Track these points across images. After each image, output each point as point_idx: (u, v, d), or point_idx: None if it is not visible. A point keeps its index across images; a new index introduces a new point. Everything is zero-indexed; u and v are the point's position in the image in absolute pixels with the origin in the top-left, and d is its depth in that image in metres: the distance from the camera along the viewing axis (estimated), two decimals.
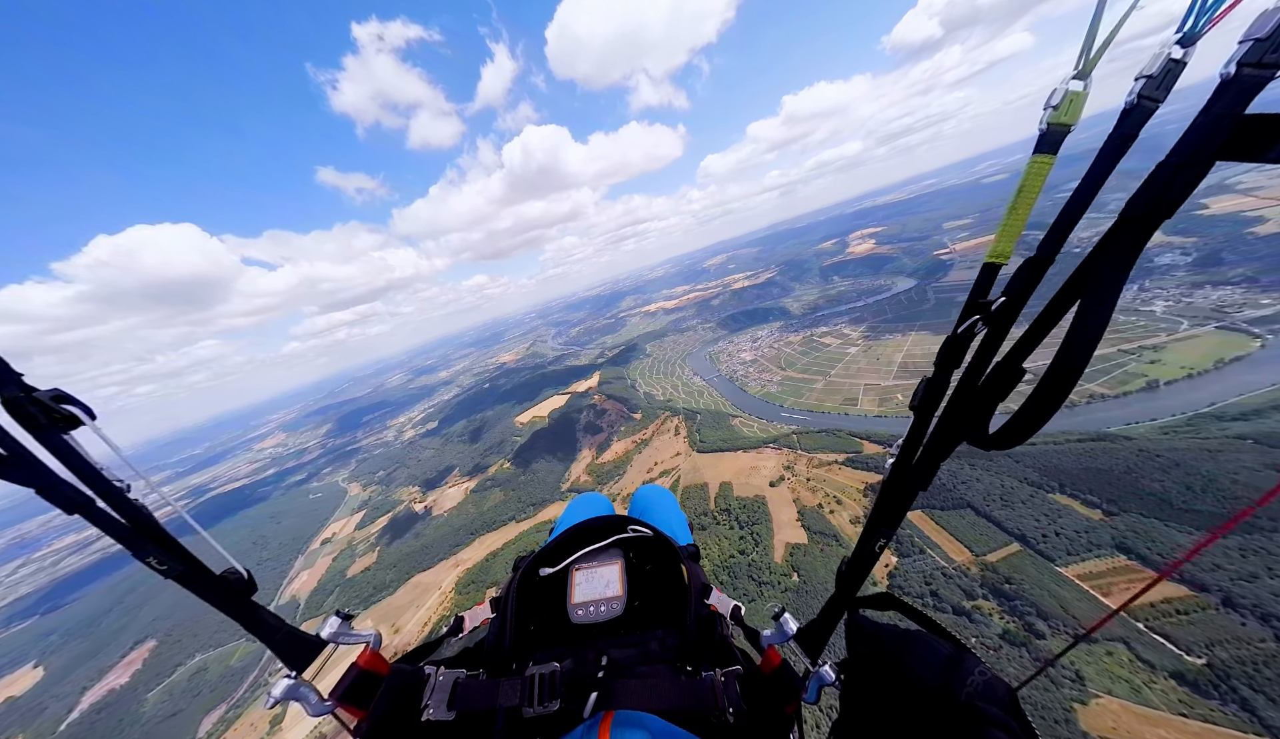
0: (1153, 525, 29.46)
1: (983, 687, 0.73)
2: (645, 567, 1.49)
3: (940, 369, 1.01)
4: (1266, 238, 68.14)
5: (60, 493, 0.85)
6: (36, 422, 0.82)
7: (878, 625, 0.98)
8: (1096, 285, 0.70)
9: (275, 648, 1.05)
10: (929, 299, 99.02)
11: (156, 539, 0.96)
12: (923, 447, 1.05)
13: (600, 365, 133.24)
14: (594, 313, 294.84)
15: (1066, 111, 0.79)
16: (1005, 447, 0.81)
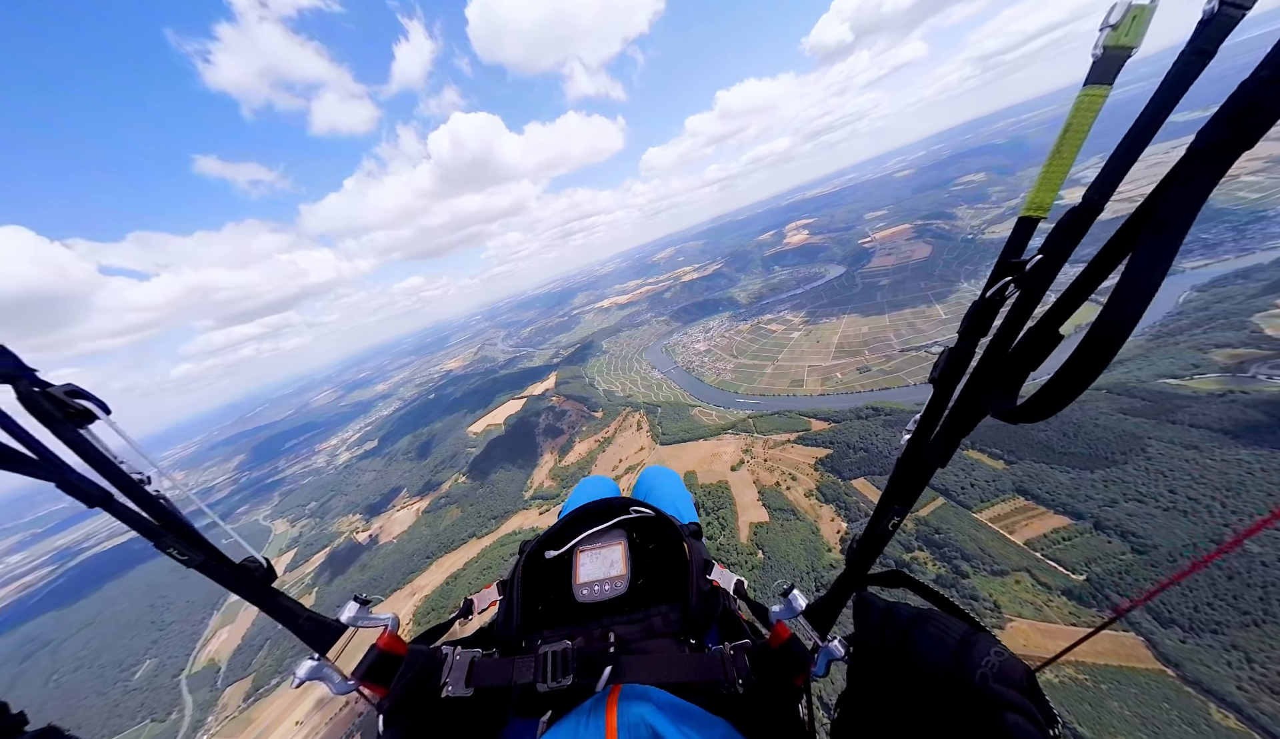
0: (1042, 469, 35.00)
1: (998, 668, 0.69)
2: (648, 546, 1.50)
3: (965, 337, 0.91)
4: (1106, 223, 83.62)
5: (80, 487, 0.87)
6: (52, 417, 0.83)
7: (888, 604, 0.97)
8: (1157, 232, 0.58)
9: (298, 632, 1.11)
10: (857, 284, 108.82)
11: (177, 530, 0.99)
12: (942, 421, 0.98)
13: (556, 365, 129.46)
14: (545, 311, 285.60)
15: (1128, 31, 0.68)
16: (1036, 419, 0.71)
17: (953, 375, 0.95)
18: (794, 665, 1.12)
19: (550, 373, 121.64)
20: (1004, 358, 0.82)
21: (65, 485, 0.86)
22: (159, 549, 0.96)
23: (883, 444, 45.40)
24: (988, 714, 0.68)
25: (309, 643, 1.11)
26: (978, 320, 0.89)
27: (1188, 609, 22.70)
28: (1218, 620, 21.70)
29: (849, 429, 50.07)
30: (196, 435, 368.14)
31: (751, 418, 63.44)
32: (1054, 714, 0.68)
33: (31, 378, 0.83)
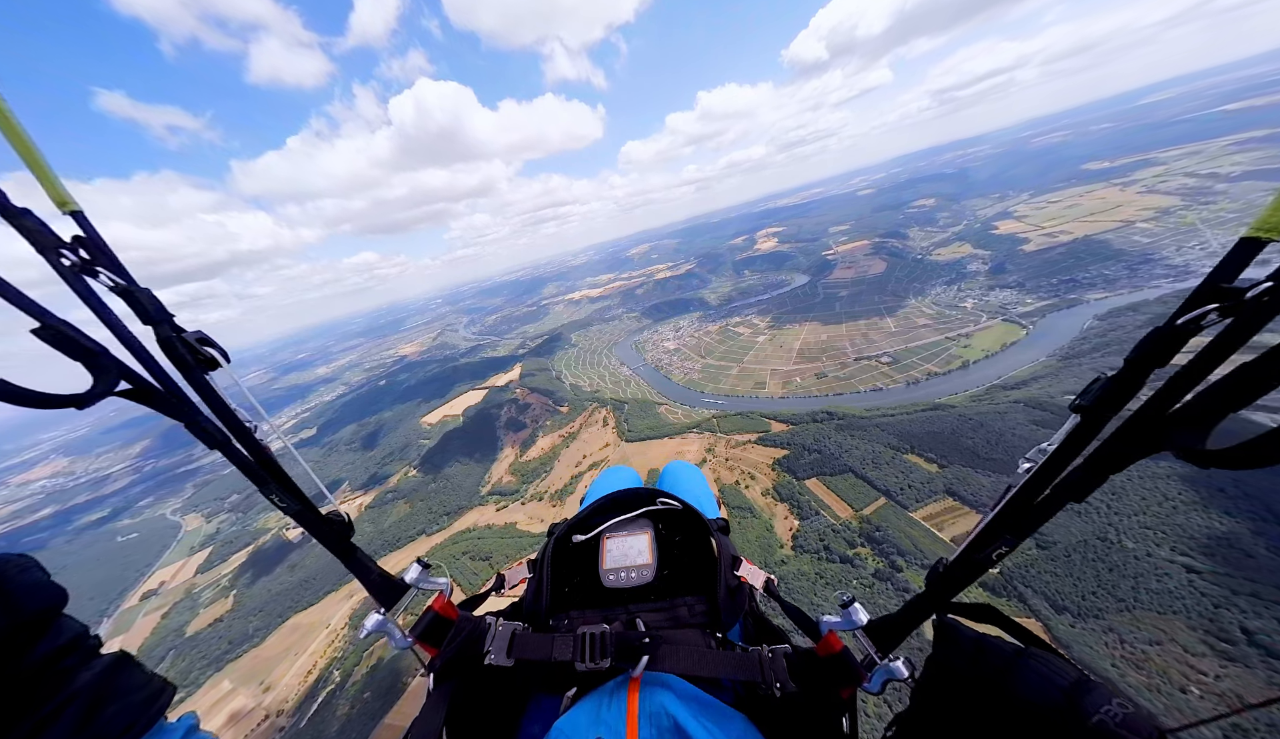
0: (969, 473, 38.70)
1: (1122, 719, 0.65)
2: (674, 538, 1.51)
3: (1135, 366, 0.80)
4: (1030, 254, 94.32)
5: (204, 429, 0.93)
6: (185, 361, 0.90)
7: (980, 636, 0.91)
8: None
9: (369, 586, 1.19)
10: (819, 293, 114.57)
11: (278, 479, 1.07)
12: (1091, 452, 0.87)
13: (522, 356, 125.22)
14: (513, 299, 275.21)
15: None
16: (1241, 466, 0.63)
17: (1109, 405, 0.84)
18: (844, 677, 1.09)
19: (515, 364, 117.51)
20: (1196, 392, 0.73)
21: (194, 426, 0.92)
22: (263, 494, 1.04)
23: (834, 447, 48.23)
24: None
25: (377, 598, 1.20)
26: (1157, 347, 0.77)
27: (1076, 597, 26.08)
28: (1099, 607, 25.12)
29: (805, 431, 52.67)
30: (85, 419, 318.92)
31: (716, 417, 65.02)
32: None
33: (171, 323, 0.89)
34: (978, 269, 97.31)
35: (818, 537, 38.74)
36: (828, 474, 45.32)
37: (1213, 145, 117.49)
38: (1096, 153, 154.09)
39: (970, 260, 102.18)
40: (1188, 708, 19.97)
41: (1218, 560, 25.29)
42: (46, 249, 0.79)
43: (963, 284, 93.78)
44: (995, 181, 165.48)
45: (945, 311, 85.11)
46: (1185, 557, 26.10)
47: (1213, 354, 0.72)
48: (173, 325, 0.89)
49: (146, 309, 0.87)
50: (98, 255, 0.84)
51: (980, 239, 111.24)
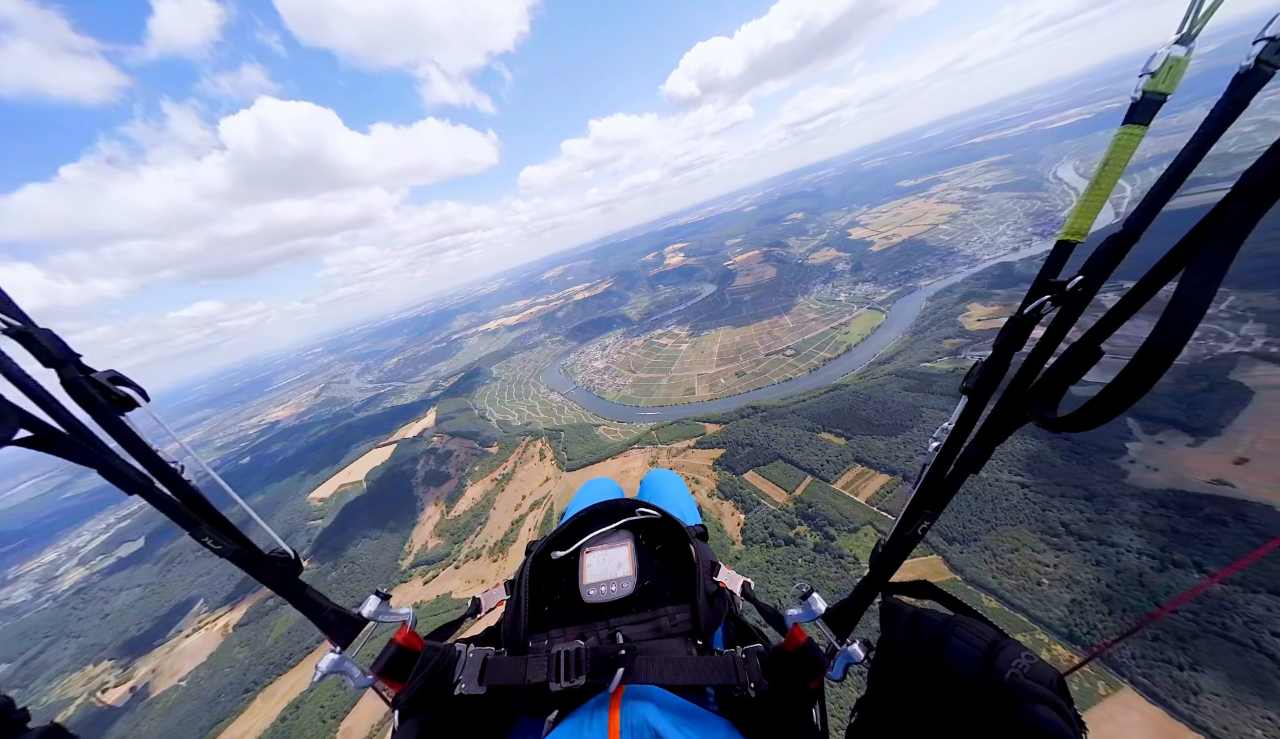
0: (869, 440, 45.24)
1: (1029, 669, 0.74)
2: (655, 547, 1.52)
3: (1001, 351, 0.97)
4: (876, 253, 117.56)
5: (121, 473, 0.88)
6: (95, 403, 0.84)
7: (915, 610, 1.01)
8: (1203, 260, 0.65)
9: (322, 625, 1.13)
10: (727, 300, 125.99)
11: (212, 519, 1.02)
12: (978, 429, 1.02)
13: (436, 399, 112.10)
14: (416, 337, 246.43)
15: (1165, 79, 0.74)
16: (1082, 428, 0.75)
17: (986, 386, 1.00)
18: (810, 669, 1.13)
19: (428, 409, 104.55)
20: (1044, 370, 0.88)
21: (108, 471, 0.86)
22: (195, 538, 0.98)
23: (763, 438, 52.48)
24: (1017, 709, 0.71)
25: (331, 637, 1.13)
26: (1014, 335, 0.94)
27: (959, 528, 31.84)
28: (975, 531, 30.99)
29: (736, 428, 56.38)
30: None
31: (654, 430, 65.90)
32: (1081, 720, 0.71)
33: (77, 363, 0.84)
34: (843, 268, 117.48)
35: (763, 526, 41.12)
36: (761, 464, 48.90)
37: (973, 167, 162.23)
38: (904, 174, 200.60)
39: (837, 262, 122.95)
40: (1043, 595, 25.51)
41: (1036, 474, 33.35)
42: None
43: (835, 281, 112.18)
44: (843, 197, 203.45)
45: (827, 305, 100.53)
46: (1018, 477, 33.88)
47: (1050, 338, 0.89)
48: (79, 365, 0.84)
49: (48, 350, 0.81)
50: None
51: (840, 244, 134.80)
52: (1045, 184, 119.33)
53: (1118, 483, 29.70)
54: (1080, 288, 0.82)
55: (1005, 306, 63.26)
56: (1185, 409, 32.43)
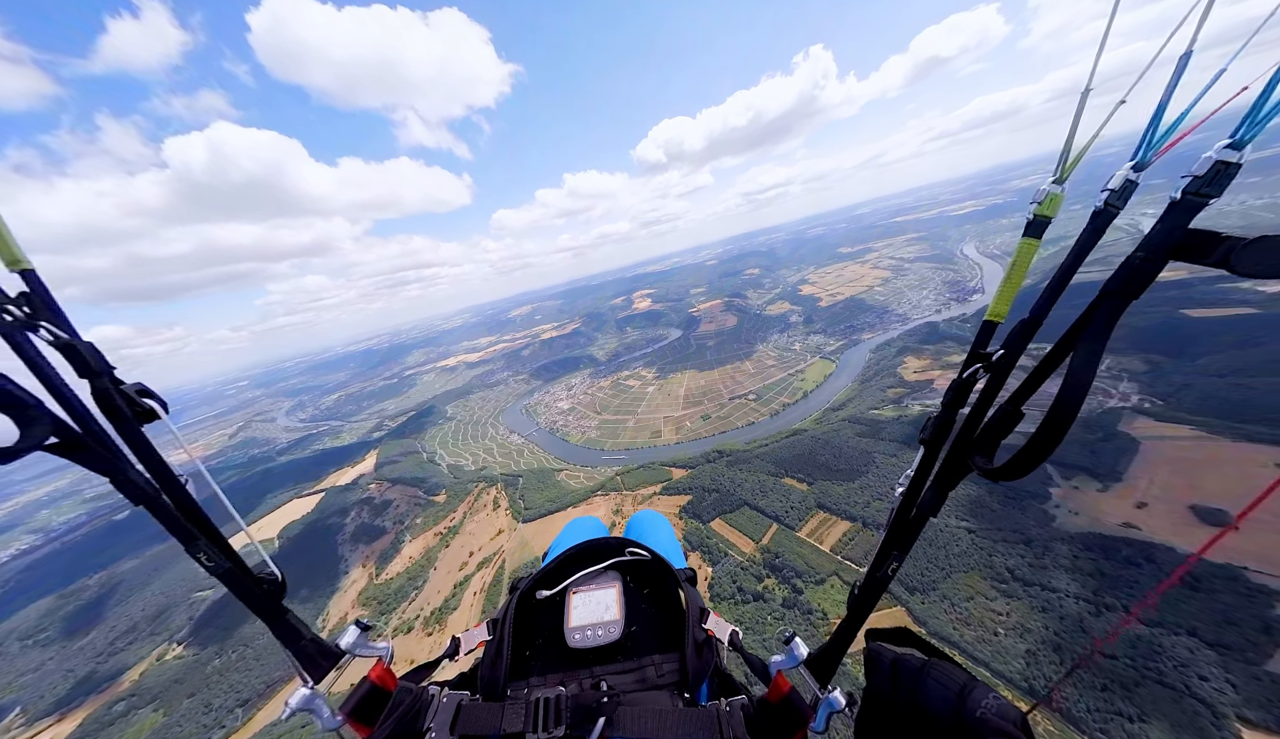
0: (829, 486, 46.25)
1: (996, 708, 0.81)
2: (643, 590, 1.48)
3: (947, 408, 1.15)
4: (824, 308, 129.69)
5: (133, 483, 0.90)
6: (121, 414, 0.87)
7: (896, 655, 1.05)
8: (1084, 346, 0.83)
9: (297, 654, 1.10)
10: (692, 345, 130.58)
11: (209, 535, 1.03)
12: (933, 477, 1.18)
13: (378, 440, 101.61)
14: (363, 372, 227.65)
15: (1048, 207, 1.01)
16: (1012, 478, 0.92)
17: (938, 438, 1.17)
18: (793, 720, 1.13)
19: (368, 451, 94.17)
20: (981, 427, 1.08)
21: (121, 481, 0.88)
22: (190, 553, 0.98)
23: (729, 483, 52.06)
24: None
25: (306, 668, 1.10)
26: (956, 395, 1.14)
27: (918, 576, 32.31)
28: (933, 580, 31.55)
29: (702, 473, 55.64)
30: None
31: (619, 475, 63.34)
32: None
33: (110, 375, 0.87)
34: (796, 320, 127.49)
35: (730, 579, 39.31)
36: (728, 511, 47.93)
37: (897, 240, 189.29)
38: (842, 242, 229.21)
39: (790, 314, 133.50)
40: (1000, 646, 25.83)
41: (979, 518, 35.35)
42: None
43: (790, 332, 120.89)
44: (792, 258, 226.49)
45: (784, 353, 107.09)
46: (964, 522, 35.68)
47: (984, 399, 1.10)
48: (112, 378, 0.87)
49: (87, 363, 0.85)
50: (42, 311, 0.84)
51: (793, 298, 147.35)
52: (955, 258, 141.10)
53: (1048, 527, 32.10)
54: (1001, 359, 1.06)
55: (935, 359, 70.76)
56: (1090, 456, 36.70)
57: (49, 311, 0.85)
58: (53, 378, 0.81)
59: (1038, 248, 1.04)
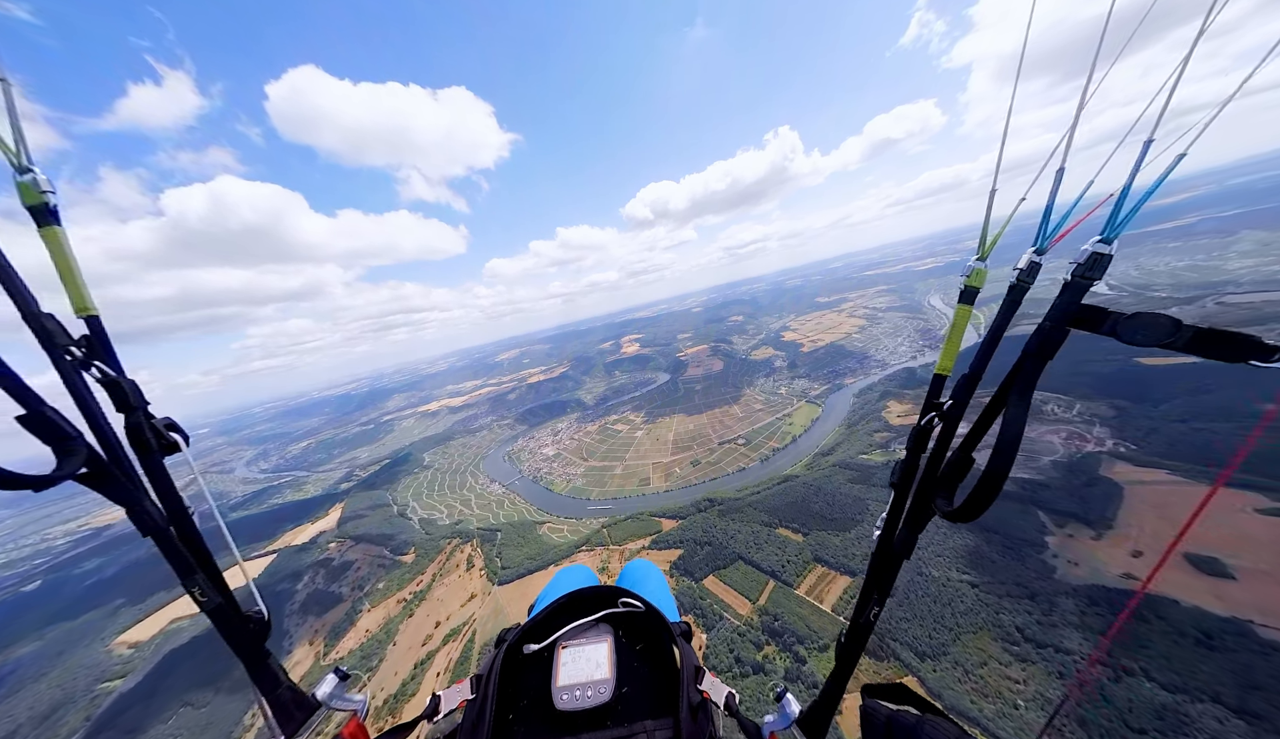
0: (825, 536, 44.42)
1: None
2: (636, 646, 1.41)
3: (910, 453, 1.29)
4: (807, 353, 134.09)
5: (147, 514, 0.93)
6: (148, 446, 0.92)
7: (891, 714, 1.06)
8: (1013, 400, 0.99)
9: (272, 702, 1.09)
10: (680, 389, 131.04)
11: (208, 570, 1.04)
12: (903, 520, 1.29)
13: (346, 492, 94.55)
14: (337, 417, 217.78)
15: (975, 279, 1.20)
16: (967, 520, 1.06)
17: (905, 482, 1.29)
18: None
19: (333, 505, 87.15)
20: (940, 471, 1.20)
21: (137, 511, 0.91)
22: (185, 588, 0.99)
23: (721, 534, 49.44)
24: None
25: (279, 719, 1.08)
26: (917, 441, 1.28)
27: (926, 639, 30.16)
28: (942, 642, 29.44)
29: (693, 524, 52.94)
30: None
31: (606, 527, 59.72)
32: None
33: (145, 410, 0.93)
34: (781, 365, 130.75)
35: (728, 648, 35.89)
36: (721, 567, 44.99)
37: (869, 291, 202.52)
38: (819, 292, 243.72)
39: (775, 359, 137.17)
40: (1024, 721, 23.60)
41: (980, 571, 34.01)
42: (56, 347, 0.87)
43: (775, 376, 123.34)
44: (773, 306, 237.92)
45: (770, 397, 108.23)
46: (964, 574, 34.25)
47: (940, 445, 1.24)
48: (146, 413, 0.93)
49: (126, 399, 0.91)
50: (98, 351, 0.92)
51: (776, 344, 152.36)
52: (923, 307, 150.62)
53: (1050, 580, 31.02)
54: (951, 409, 1.21)
55: (916, 404, 71.99)
56: (1080, 503, 36.69)
57: (103, 352, 0.94)
58: (95, 412, 0.87)
59: (971, 312, 1.21)
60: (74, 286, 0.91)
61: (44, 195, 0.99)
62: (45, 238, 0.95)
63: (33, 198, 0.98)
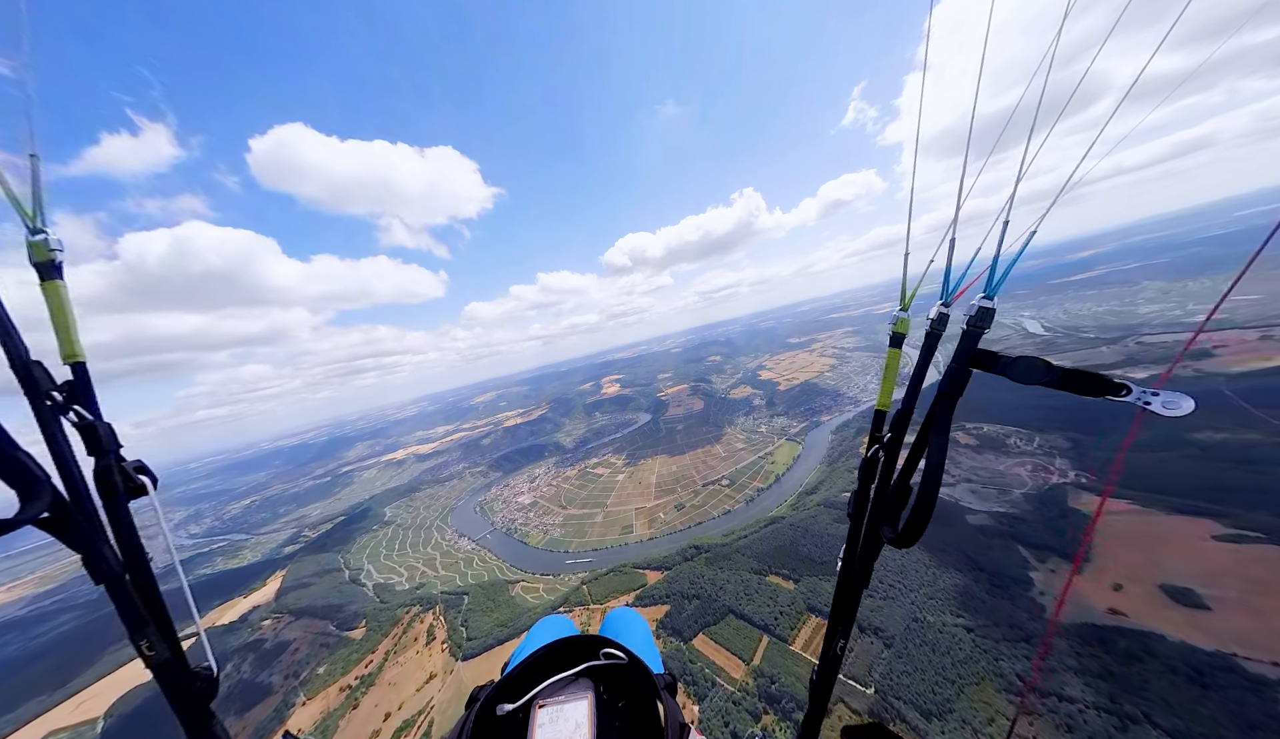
0: (816, 583, 42.61)
1: None
2: (617, 703, 1.33)
3: (861, 484, 1.42)
4: (784, 391, 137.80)
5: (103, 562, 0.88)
6: (115, 490, 0.89)
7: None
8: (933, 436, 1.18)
9: None
10: (661, 429, 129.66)
11: (160, 622, 0.98)
12: (859, 549, 1.40)
13: (289, 558, 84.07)
14: (288, 471, 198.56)
15: (900, 327, 1.41)
16: (907, 545, 1.25)
17: (859, 512, 1.41)
18: None
19: (272, 573, 76.92)
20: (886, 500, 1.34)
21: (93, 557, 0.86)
22: (132, 641, 0.92)
23: (709, 586, 46.48)
24: None
25: None
26: (864, 473, 1.43)
27: (929, 694, 28.35)
28: (946, 698, 27.71)
29: (680, 575, 49.74)
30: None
31: (586, 583, 55.15)
32: None
33: (117, 454, 0.91)
34: (759, 403, 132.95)
35: (721, 719, 32.34)
36: (711, 623, 41.81)
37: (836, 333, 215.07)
38: (790, 333, 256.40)
39: (753, 397, 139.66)
40: None
41: (974, 613, 33.15)
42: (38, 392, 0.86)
43: (754, 414, 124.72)
44: (749, 347, 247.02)
45: (751, 436, 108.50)
46: (958, 617, 33.25)
47: (884, 475, 1.37)
48: (118, 456, 0.91)
49: (100, 442, 0.90)
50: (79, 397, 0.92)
51: (753, 383, 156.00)
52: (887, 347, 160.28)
53: (1042, 620, 30.54)
54: (890, 441, 1.36)
55: None
56: (1056, 536, 37.40)
57: (83, 396, 0.93)
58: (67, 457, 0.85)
59: (900, 355, 1.45)
60: (66, 335, 0.92)
61: (52, 253, 1.05)
62: (47, 290, 0.99)
63: (42, 255, 1.04)
